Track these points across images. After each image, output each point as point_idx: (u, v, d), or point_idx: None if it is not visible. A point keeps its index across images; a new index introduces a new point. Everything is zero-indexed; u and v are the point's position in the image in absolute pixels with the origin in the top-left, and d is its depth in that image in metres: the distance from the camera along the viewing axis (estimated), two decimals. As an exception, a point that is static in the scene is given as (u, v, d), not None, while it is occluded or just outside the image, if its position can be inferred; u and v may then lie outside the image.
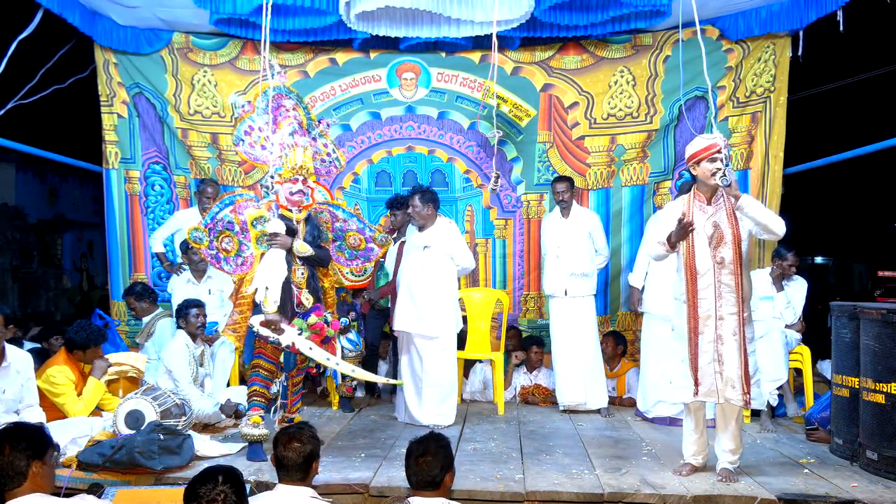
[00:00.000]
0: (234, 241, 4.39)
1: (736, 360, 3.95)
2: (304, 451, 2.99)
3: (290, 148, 4.38)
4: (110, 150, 6.95)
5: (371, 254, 4.77)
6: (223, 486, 2.46)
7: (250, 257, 4.40)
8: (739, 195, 3.92)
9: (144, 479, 3.90)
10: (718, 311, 3.97)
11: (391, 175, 7.01)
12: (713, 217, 4.02)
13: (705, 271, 4.00)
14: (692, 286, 4.01)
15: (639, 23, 6.37)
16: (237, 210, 4.41)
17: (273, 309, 4.18)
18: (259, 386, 4.37)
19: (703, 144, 3.99)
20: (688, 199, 4.11)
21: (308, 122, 4.61)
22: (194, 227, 4.46)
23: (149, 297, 6.01)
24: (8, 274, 11.30)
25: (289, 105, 4.50)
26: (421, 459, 2.96)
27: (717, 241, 3.98)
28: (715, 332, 3.98)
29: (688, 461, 4.16)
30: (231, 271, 4.46)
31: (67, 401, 4.65)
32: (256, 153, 4.50)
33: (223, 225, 4.40)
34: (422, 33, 6.27)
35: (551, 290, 5.89)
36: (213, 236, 4.39)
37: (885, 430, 4.05)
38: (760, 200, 6.60)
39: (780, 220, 3.96)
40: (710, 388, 3.99)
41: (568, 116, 6.85)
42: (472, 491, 3.80)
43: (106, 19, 6.52)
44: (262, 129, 4.45)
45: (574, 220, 5.88)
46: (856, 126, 9.29)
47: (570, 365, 5.76)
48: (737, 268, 3.96)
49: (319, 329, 4.30)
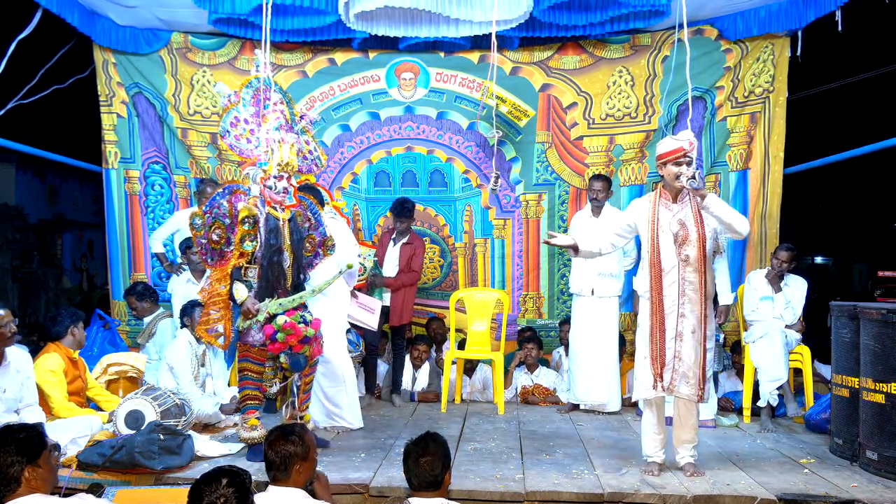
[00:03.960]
0: (223, 234, 4.28)
1: (693, 357, 4.02)
2: (286, 453, 2.97)
3: (277, 144, 4.28)
4: (110, 149, 6.96)
5: (315, 260, 4.62)
6: (226, 488, 2.45)
7: (229, 253, 4.29)
8: (705, 194, 3.98)
9: (144, 479, 3.90)
10: (680, 309, 4.04)
11: (390, 175, 7.01)
12: (678, 215, 4.06)
13: (670, 268, 4.05)
14: (657, 283, 4.07)
15: (637, 23, 6.37)
16: (233, 200, 4.31)
17: (244, 294, 4.20)
18: (250, 389, 4.36)
19: (669, 147, 4.03)
20: (654, 196, 4.15)
21: (292, 119, 4.52)
22: (196, 213, 4.32)
23: (150, 297, 6.01)
24: (8, 274, 11.30)
25: (275, 98, 4.39)
26: (422, 460, 2.96)
27: (683, 239, 4.03)
28: (675, 329, 4.03)
29: (653, 460, 4.18)
30: (212, 265, 4.32)
31: (53, 392, 4.55)
32: (242, 146, 4.38)
33: (218, 214, 4.27)
34: (421, 33, 6.28)
35: (578, 289, 5.82)
36: (209, 223, 4.25)
37: (885, 430, 4.06)
38: (760, 200, 6.66)
39: (744, 220, 4.05)
40: (668, 383, 4.07)
41: (566, 116, 6.85)
42: (471, 491, 3.80)
43: (105, 19, 6.52)
44: (248, 122, 4.36)
45: (605, 219, 5.73)
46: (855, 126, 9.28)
47: (593, 365, 5.69)
48: (701, 266, 4.01)
49: (292, 329, 4.19)
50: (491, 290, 6.74)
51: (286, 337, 4.17)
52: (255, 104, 4.38)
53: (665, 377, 4.06)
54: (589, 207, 5.89)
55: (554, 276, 6.95)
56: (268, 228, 4.26)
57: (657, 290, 4.07)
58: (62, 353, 4.72)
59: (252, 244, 4.26)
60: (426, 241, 6.88)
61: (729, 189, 6.71)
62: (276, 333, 4.17)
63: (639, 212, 4.19)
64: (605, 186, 5.80)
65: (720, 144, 6.72)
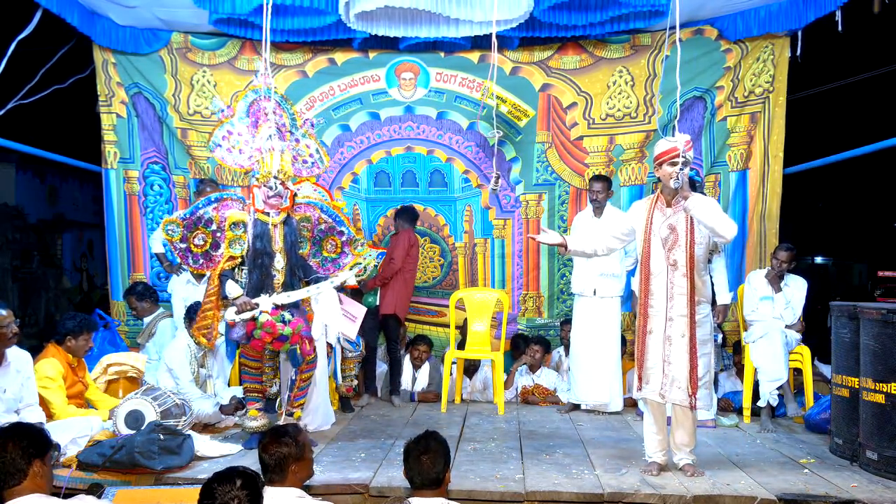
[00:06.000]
0: (207, 238, 4.52)
1: (683, 362, 3.99)
2: (280, 455, 2.97)
3: (268, 153, 4.43)
4: (109, 150, 6.96)
5: (343, 259, 4.79)
6: (240, 490, 2.47)
7: (219, 256, 4.52)
8: (688, 195, 3.92)
9: (144, 479, 3.90)
10: (669, 313, 4.02)
11: (390, 175, 7.01)
12: (670, 219, 4.05)
13: (658, 272, 4.05)
14: (645, 286, 4.09)
15: (637, 23, 6.37)
16: (220, 208, 4.53)
17: (238, 292, 4.37)
18: (250, 382, 4.58)
19: (664, 147, 4.01)
20: (652, 199, 4.15)
21: (292, 123, 4.64)
22: (170, 220, 4.56)
23: (150, 298, 6.01)
24: (8, 274, 11.29)
25: (269, 108, 4.51)
26: (424, 458, 2.96)
27: (672, 243, 4.02)
28: (664, 333, 4.03)
29: (653, 460, 4.18)
30: (196, 267, 4.58)
31: (53, 398, 4.57)
32: (234, 157, 4.56)
33: (202, 222, 4.51)
34: (421, 33, 6.28)
35: (580, 290, 5.82)
36: (187, 231, 4.50)
37: (885, 430, 4.06)
38: (760, 200, 6.65)
39: (731, 224, 3.89)
40: (656, 387, 4.06)
41: (566, 116, 6.85)
42: (472, 491, 3.80)
43: (105, 19, 6.52)
44: (242, 134, 4.52)
45: (607, 220, 5.73)
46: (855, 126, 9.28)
47: (595, 365, 5.69)
48: (689, 271, 3.98)
49: (270, 327, 4.29)
50: (491, 289, 6.74)
51: (262, 334, 4.29)
52: (250, 115, 4.53)
53: (652, 381, 4.06)
54: (590, 208, 5.88)
55: (554, 276, 6.96)
56: (254, 233, 4.44)
57: (645, 293, 4.09)
58: (60, 357, 4.72)
59: (241, 248, 4.49)
60: (426, 240, 6.90)
61: (729, 189, 6.72)
62: (254, 330, 4.30)
63: (637, 215, 4.20)
64: (605, 187, 5.79)
65: (720, 144, 6.72)
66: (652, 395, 4.09)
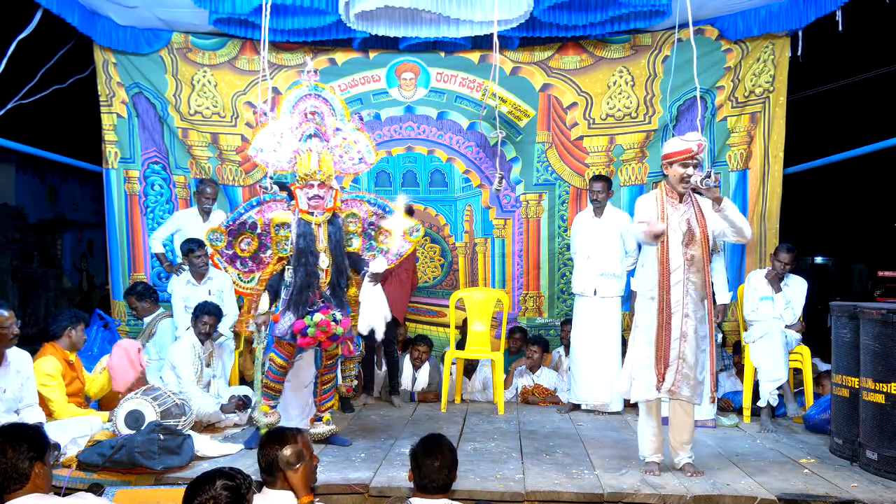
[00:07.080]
0: (254, 242, 4.56)
1: (695, 358, 4.01)
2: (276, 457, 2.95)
3: (306, 154, 4.45)
4: (110, 150, 6.96)
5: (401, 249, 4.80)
6: (220, 490, 2.44)
7: (268, 258, 4.56)
8: (721, 197, 3.98)
9: (144, 479, 3.90)
10: (685, 309, 4.02)
11: (391, 175, 7.02)
12: (686, 215, 4.05)
13: (676, 268, 4.03)
14: (665, 282, 4.03)
15: (638, 23, 6.37)
16: (263, 211, 4.55)
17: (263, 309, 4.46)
18: (271, 380, 4.54)
19: (678, 147, 4.00)
20: (660, 195, 4.10)
21: (341, 119, 4.65)
22: (213, 229, 4.59)
23: (150, 298, 6.00)
24: (8, 274, 11.30)
25: (309, 107, 4.54)
26: (437, 464, 2.92)
27: (689, 238, 4.02)
28: (680, 329, 4.02)
29: (651, 460, 4.17)
30: (246, 271, 4.58)
31: (53, 396, 4.56)
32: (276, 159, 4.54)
33: (246, 227, 4.54)
34: (421, 33, 6.28)
35: (580, 290, 5.81)
36: (231, 237, 4.53)
37: (885, 430, 4.05)
38: (760, 200, 6.67)
39: (749, 225, 4.11)
40: (670, 384, 4.03)
41: (567, 116, 6.86)
42: (472, 491, 3.79)
43: (105, 19, 6.52)
44: (284, 135, 4.51)
45: (607, 220, 5.75)
46: (855, 126, 9.30)
47: (595, 365, 5.69)
48: (704, 266, 4.02)
49: (325, 326, 4.33)
50: (491, 289, 6.74)
51: (317, 332, 4.31)
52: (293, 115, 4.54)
53: (668, 378, 4.03)
54: (591, 208, 5.88)
55: (554, 276, 6.96)
56: (297, 232, 4.46)
57: (665, 289, 4.02)
58: (59, 356, 4.72)
59: (288, 248, 4.52)
60: (426, 240, 6.90)
61: (729, 189, 6.72)
62: (307, 328, 4.31)
63: (648, 211, 4.11)
64: (605, 187, 5.79)
65: (720, 144, 6.72)
66: (667, 394, 4.05)
